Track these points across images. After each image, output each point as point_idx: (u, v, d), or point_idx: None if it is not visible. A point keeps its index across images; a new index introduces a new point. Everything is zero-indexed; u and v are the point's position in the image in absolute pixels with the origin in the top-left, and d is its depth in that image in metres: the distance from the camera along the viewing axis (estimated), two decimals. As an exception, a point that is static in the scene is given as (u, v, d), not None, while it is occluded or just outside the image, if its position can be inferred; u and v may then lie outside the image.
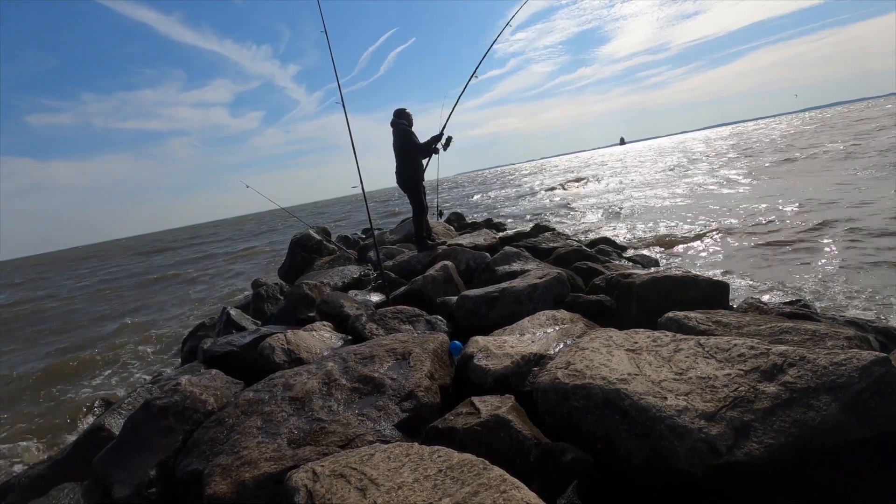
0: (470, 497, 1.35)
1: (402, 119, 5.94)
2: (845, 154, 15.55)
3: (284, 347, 3.09)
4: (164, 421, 2.39)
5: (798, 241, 6.48)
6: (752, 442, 1.50)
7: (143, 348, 7.54)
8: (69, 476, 2.58)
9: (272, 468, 1.85)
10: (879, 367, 1.55)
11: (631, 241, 8.08)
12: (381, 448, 1.69)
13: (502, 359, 2.39)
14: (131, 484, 2.12)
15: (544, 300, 3.40)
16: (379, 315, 3.56)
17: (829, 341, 2.05)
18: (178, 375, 3.22)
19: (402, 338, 2.76)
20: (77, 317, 12.06)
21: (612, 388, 1.79)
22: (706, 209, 10.07)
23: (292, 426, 2.10)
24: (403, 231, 8.00)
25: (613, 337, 2.26)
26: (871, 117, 36.99)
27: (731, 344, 1.92)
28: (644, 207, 12.01)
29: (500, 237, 6.83)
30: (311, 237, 7.66)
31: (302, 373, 2.51)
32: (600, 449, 1.75)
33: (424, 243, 6.05)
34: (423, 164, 6.07)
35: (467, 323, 3.47)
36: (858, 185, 9.63)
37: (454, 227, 8.72)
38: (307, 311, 4.34)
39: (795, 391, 1.59)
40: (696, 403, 1.64)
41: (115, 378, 6.23)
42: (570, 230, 9.95)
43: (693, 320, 2.46)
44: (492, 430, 1.80)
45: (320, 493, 1.46)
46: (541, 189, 24.75)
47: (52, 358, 7.91)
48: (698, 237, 7.72)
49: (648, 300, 3.18)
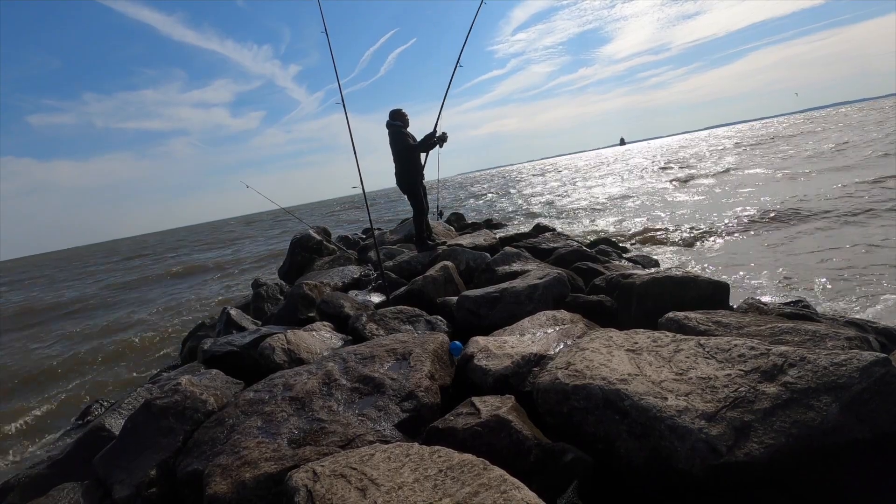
0: (470, 497, 1.35)
1: (397, 120, 5.92)
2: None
3: (285, 347, 3.09)
4: (164, 421, 2.39)
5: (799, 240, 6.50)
6: (752, 442, 1.50)
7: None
8: (69, 476, 2.58)
9: (272, 468, 1.85)
10: (880, 367, 1.55)
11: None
12: (381, 448, 1.69)
13: (502, 359, 2.39)
14: (131, 484, 2.12)
15: (544, 300, 3.40)
16: (379, 315, 3.56)
17: (830, 342, 2.05)
18: (179, 375, 3.22)
19: (402, 338, 2.76)
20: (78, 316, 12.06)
21: (612, 389, 1.79)
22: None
23: (292, 426, 2.10)
24: (404, 231, 8.00)
25: (613, 337, 2.26)
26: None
27: (731, 344, 1.91)
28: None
29: (499, 237, 6.83)
30: (311, 237, 7.66)
31: (302, 373, 2.51)
32: (600, 449, 1.75)
33: (425, 244, 6.05)
34: (421, 164, 6.06)
35: (467, 323, 3.47)
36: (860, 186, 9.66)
37: (454, 228, 8.73)
38: (307, 312, 4.34)
39: (796, 391, 1.59)
40: (696, 404, 1.64)
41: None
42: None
43: (693, 320, 2.46)
44: (492, 431, 1.80)
45: (320, 493, 1.46)
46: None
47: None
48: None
49: (649, 300, 3.18)
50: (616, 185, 20.37)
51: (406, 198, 6.20)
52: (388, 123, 5.97)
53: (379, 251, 5.11)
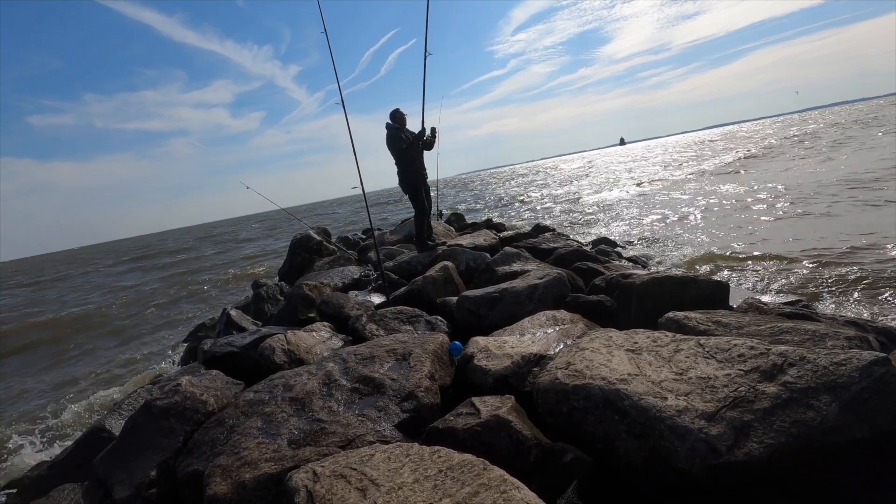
0: (470, 497, 1.36)
1: (394, 121, 5.94)
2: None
3: (285, 348, 3.09)
4: (164, 421, 2.39)
5: (801, 239, 6.49)
6: (751, 442, 1.50)
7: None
8: (69, 476, 2.58)
9: (272, 469, 1.85)
10: (879, 367, 1.55)
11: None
12: (381, 448, 1.69)
13: (502, 359, 2.39)
14: (132, 484, 2.12)
15: (544, 300, 3.40)
16: (379, 315, 3.56)
17: (830, 341, 2.05)
18: (179, 376, 3.22)
19: (402, 338, 2.76)
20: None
21: (612, 389, 1.79)
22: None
23: (292, 427, 2.10)
24: (404, 231, 8.00)
25: (613, 337, 2.26)
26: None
27: (731, 344, 1.91)
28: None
29: (500, 237, 6.83)
30: (311, 238, 7.66)
31: (302, 373, 2.51)
32: (600, 449, 1.76)
33: (425, 244, 6.05)
34: (421, 164, 6.05)
35: (467, 323, 3.47)
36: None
37: (454, 228, 8.73)
38: (307, 312, 4.34)
39: (795, 391, 1.59)
40: (696, 403, 1.64)
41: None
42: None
43: (693, 320, 2.46)
44: (492, 431, 1.80)
45: (320, 493, 1.46)
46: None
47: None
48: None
49: (648, 300, 3.18)
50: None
51: (407, 198, 6.21)
52: (386, 125, 5.98)
53: (379, 251, 5.12)
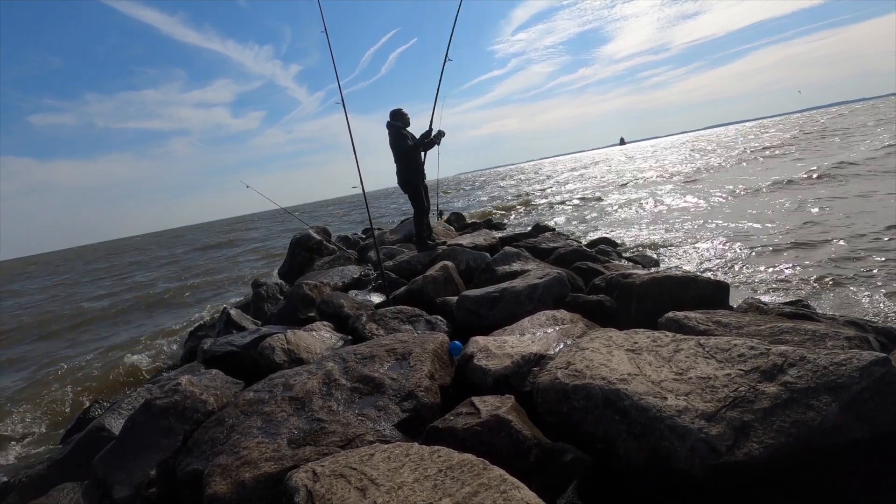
0: (470, 497, 1.35)
1: (397, 120, 5.93)
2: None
3: (284, 347, 3.09)
4: (164, 421, 2.39)
5: (801, 240, 6.49)
6: (752, 442, 1.50)
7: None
8: (69, 476, 2.57)
9: (272, 468, 1.85)
10: (879, 367, 1.55)
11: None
12: (381, 448, 1.69)
13: (502, 359, 2.39)
14: (131, 484, 2.12)
15: (544, 300, 3.40)
16: (379, 315, 3.56)
17: (830, 341, 2.05)
18: (178, 375, 3.22)
19: (402, 338, 2.76)
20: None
21: (612, 389, 1.79)
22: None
23: (292, 426, 2.10)
24: (403, 231, 8.00)
25: (613, 337, 2.26)
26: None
27: (731, 344, 1.91)
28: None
29: (499, 237, 6.84)
30: (311, 237, 7.66)
31: (302, 373, 2.51)
32: (600, 449, 1.75)
33: (425, 243, 6.05)
34: (422, 163, 6.06)
35: (467, 323, 3.47)
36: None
37: (454, 228, 8.73)
38: (307, 311, 4.34)
39: (795, 391, 1.59)
40: (696, 403, 1.64)
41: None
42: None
43: (693, 320, 2.46)
44: (492, 430, 1.80)
45: (320, 493, 1.46)
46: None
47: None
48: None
49: (648, 300, 3.18)
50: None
51: (407, 197, 6.22)
52: (388, 124, 5.97)
53: (379, 251, 5.12)
